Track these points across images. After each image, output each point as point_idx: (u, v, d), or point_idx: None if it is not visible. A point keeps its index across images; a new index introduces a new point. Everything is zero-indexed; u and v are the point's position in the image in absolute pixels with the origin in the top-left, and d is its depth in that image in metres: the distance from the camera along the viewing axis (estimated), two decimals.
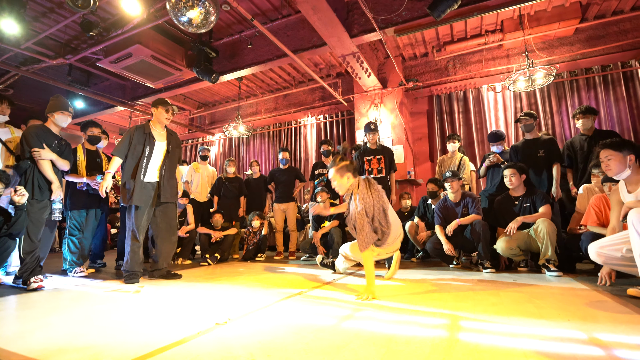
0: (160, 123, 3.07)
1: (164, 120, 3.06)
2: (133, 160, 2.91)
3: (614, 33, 4.94)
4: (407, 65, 6.28)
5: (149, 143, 2.95)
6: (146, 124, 3.05)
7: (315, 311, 1.75)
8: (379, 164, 4.09)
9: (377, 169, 4.08)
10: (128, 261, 2.89)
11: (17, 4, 3.84)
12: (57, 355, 1.20)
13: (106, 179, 2.85)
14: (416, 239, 3.87)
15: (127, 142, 2.92)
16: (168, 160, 3.07)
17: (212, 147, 8.85)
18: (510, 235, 2.98)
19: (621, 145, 2.18)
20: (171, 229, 3.10)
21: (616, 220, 2.30)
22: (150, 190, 2.96)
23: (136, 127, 3.00)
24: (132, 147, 2.91)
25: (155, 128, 3.06)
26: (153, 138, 2.99)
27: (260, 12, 4.93)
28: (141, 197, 2.88)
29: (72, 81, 6.32)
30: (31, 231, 2.71)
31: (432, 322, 1.53)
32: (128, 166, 2.91)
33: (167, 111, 3.06)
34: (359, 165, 4.16)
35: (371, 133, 4.12)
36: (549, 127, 5.39)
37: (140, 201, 2.88)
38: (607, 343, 1.22)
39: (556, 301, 1.88)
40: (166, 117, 3.06)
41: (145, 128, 3.01)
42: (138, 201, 2.86)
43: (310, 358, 1.13)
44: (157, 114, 3.05)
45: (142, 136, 2.96)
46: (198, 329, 1.46)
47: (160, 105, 3.05)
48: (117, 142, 2.93)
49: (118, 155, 2.91)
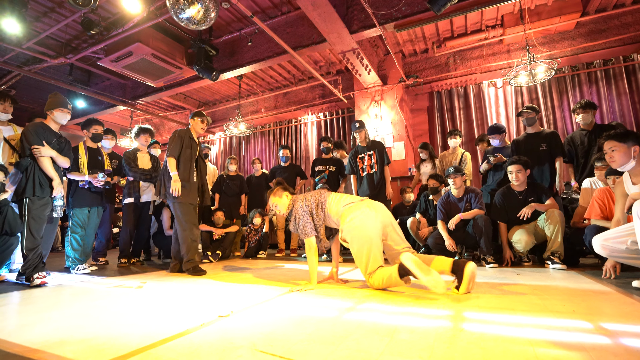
0: (196, 132, 3.37)
1: (200, 131, 3.37)
2: (186, 162, 3.16)
3: (616, 27, 4.91)
4: (407, 61, 6.26)
5: (194, 147, 3.25)
6: (187, 129, 3.31)
7: (317, 304, 1.74)
8: (371, 160, 4.10)
9: (370, 165, 4.09)
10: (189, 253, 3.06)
11: (18, 3, 3.85)
12: (58, 346, 1.20)
13: (177, 180, 3.03)
14: (418, 235, 3.86)
15: (180, 145, 3.16)
16: (202, 164, 3.37)
17: (212, 145, 8.85)
18: (524, 219, 2.99)
19: (625, 136, 2.16)
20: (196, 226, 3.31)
21: (621, 213, 2.28)
22: (196, 191, 3.25)
23: (183, 132, 3.24)
24: (183, 150, 3.16)
25: (193, 135, 3.33)
26: (197, 143, 3.31)
27: (260, 9, 4.92)
28: (194, 195, 3.18)
29: (73, 81, 6.33)
30: (33, 228, 2.71)
31: (436, 313, 1.51)
32: (182, 167, 3.13)
33: (203, 122, 3.37)
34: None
35: (356, 131, 4.13)
36: (551, 122, 5.36)
37: (193, 199, 3.17)
38: (614, 332, 1.20)
39: (561, 293, 1.86)
40: (201, 127, 3.37)
41: (189, 133, 3.27)
42: (192, 199, 3.15)
43: (312, 348, 1.12)
44: (194, 124, 3.35)
45: (189, 140, 3.22)
46: (201, 322, 1.46)
47: (197, 116, 3.36)
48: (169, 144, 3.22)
49: (174, 156, 3.11)
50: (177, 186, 3.02)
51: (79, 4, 3.58)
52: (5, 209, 2.54)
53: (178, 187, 3.02)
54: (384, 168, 4.09)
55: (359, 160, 4.18)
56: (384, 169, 4.09)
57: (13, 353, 1.15)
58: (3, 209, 2.53)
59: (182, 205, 3.10)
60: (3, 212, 2.52)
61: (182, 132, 3.22)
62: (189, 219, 3.12)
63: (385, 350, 1.08)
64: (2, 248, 2.54)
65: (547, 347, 1.07)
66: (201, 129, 3.37)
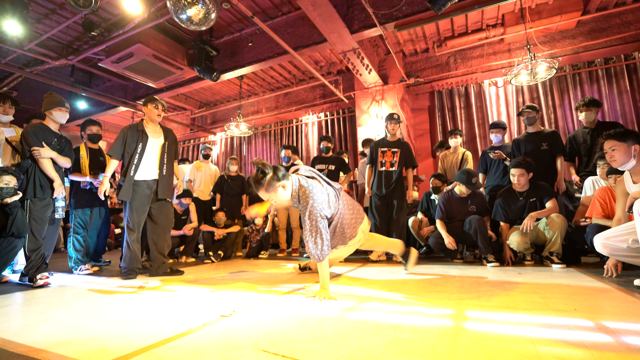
0: (153, 121, 3.07)
1: (156, 117, 3.06)
2: (127, 158, 2.93)
3: (617, 25, 4.90)
4: (407, 61, 6.26)
5: (142, 140, 2.97)
6: (139, 122, 3.06)
7: (319, 304, 1.75)
8: (393, 157, 3.90)
9: (390, 162, 3.90)
10: (126, 258, 2.91)
11: (19, 5, 3.87)
12: (61, 346, 1.20)
13: (103, 182, 2.89)
14: (419, 234, 3.86)
15: (122, 141, 2.94)
16: (166, 156, 3.09)
17: (214, 146, 8.86)
18: (527, 232, 2.95)
19: (625, 136, 2.16)
20: (167, 226, 3.12)
21: (622, 212, 2.28)
22: (144, 188, 2.97)
23: (129, 126, 3.01)
24: (127, 146, 2.94)
25: (149, 126, 3.06)
26: (146, 135, 3.01)
27: (261, 9, 4.93)
28: (133, 194, 2.90)
29: (74, 82, 6.35)
30: (35, 229, 2.72)
31: (438, 312, 1.52)
32: (124, 164, 2.94)
33: (157, 107, 3.06)
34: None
35: (393, 123, 3.90)
36: (552, 121, 5.36)
37: (133, 198, 2.90)
38: (615, 330, 1.21)
39: (562, 292, 1.87)
40: (157, 114, 3.06)
41: (138, 126, 3.02)
42: (126, 196, 2.88)
43: (315, 347, 1.12)
44: (147, 112, 3.06)
45: (135, 134, 2.97)
46: (203, 321, 1.46)
47: (150, 102, 3.06)
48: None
49: (114, 155, 2.92)
50: (102, 189, 2.88)
51: (79, 6, 3.59)
52: (15, 210, 2.55)
53: (103, 191, 2.87)
54: (403, 169, 3.91)
55: (381, 153, 3.98)
56: (408, 171, 3.92)
57: (17, 353, 1.16)
58: (13, 211, 2.54)
59: (126, 205, 2.91)
60: (13, 213, 2.53)
61: (127, 127, 2.99)
62: (130, 222, 2.90)
63: (387, 349, 1.09)
64: (7, 249, 2.54)
65: (549, 346, 1.08)
66: (157, 116, 3.05)
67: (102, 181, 2.89)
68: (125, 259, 2.91)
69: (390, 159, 3.92)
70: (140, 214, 2.95)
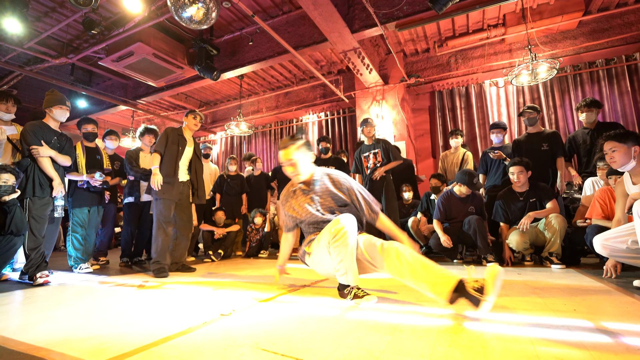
0: (191, 130, 3.34)
1: (193, 127, 3.34)
2: (170, 158, 3.12)
3: (618, 26, 4.90)
4: (408, 61, 6.26)
5: (182, 144, 3.22)
6: (179, 128, 3.32)
7: (319, 303, 1.75)
8: (376, 159, 3.97)
9: (375, 164, 3.96)
10: (160, 253, 2.98)
11: (19, 3, 3.86)
12: (62, 345, 1.20)
13: (156, 173, 3.02)
14: (419, 234, 3.86)
15: (165, 141, 3.14)
16: (197, 163, 3.37)
17: (214, 145, 8.86)
18: (523, 230, 2.96)
19: (625, 137, 2.16)
20: (190, 225, 3.31)
21: (621, 213, 2.28)
22: (181, 187, 3.19)
23: (172, 129, 3.23)
24: (168, 146, 3.14)
25: (186, 134, 3.32)
26: (185, 141, 3.27)
27: (261, 8, 4.93)
28: (176, 193, 3.11)
29: (74, 81, 6.34)
30: (34, 228, 2.72)
31: (437, 312, 1.52)
32: (165, 163, 3.10)
33: (195, 118, 3.34)
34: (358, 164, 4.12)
35: (368, 126, 3.97)
36: (552, 121, 5.36)
37: (174, 196, 3.11)
38: (615, 331, 1.21)
39: (562, 293, 1.87)
40: (194, 124, 3.33)
41: (179, 131, 3.26)
42: (170, 195, 3.08)
43: (314, 346, 1.13)
44: (187, 122, 3.32)
45: (176, 137, 3.20)
46: (203, 320, 1.46)
47: (190, 114, 3.35)
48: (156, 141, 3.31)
49: (159, 152, 3.10)
50: (156, 179, 2.98)
51: (80, 4, 3.58)
52: (13, 208, 2.55)
53: (157, 180, 2.98)
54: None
55: (364, 159, 4.07)
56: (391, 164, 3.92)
57: (18, 351, 1.16)
58: (11, 209, 2.54)
59: (161, 202, 3.05)
60: (11, 211, 2.54)
61: (170, 129, 3.21)
62: (163, 218, 3.05)
63: (386, 348, 1.09)
64: (6, 247, 2.55)
65: (548, 346, 1.08)
66: (194, 126, 3.34)
67: (155, 172, 3.02)
68: (159, 254, 2.99)
69: (374, 160, 3.99)
70: (172, 211, 3.14)
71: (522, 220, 2.96)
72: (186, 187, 3.25)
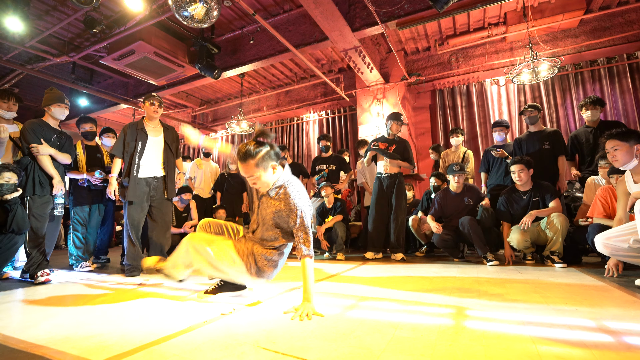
0: (151, 118, 3.06)
1: (153, 114, 3.05)
2: (127, 157, 2.95)
3: (619, 24, 4.88)
4: (409, 59, 6.24)
5: (141, 139, 2.98)
6: (139, 120, 3.08)
7: (320, 301, 1.75)
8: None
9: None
10: (129, 255, 2.94)
11: (21, 2, 3.85)
12: (62, 343, 1.21)
13: (111, 182, 2.91)
14: (419, 233, 3.86)
15: (122, 140, 2.96)
16: (169, 154, 3.11)
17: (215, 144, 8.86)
18: (525, 229, 2.96)
19: (628, 135, 2.15)
20: (166, 224, 3.14)
21: (623, 211, 2.28)
22: (143, 185, 2.98)
23: (129, 125, 3.02)
24: (127, 145, 2.95)
25: (149, 124, 3.06)
26: (146, 134, 3.01)
27: (262, 7, 4.91)
28: (135, 192, 2.92)
29: (75, 79, 6.34)
30: (35, 226, 2.73)
31: (438, 311, 1.52)
32: (125, 163, 2.95)
33: (153, 104, 3.03)
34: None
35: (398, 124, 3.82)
36: (554, 120, 5.34)
37: (135, 197, 2.91)
38: (616, 330, 1.20)
39: (563, 291, 1.86)
40: (153, 110, 3.04)
41: (138, 124, 3.03)
42: (132, 197, 2.90)
43: (315, 345, 1.12)
44: (145, 109, 3.07)
45: (134, 132, 2.98)
46: (203, 319, 1.46)
47: (146, 100, 3.05)
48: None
49: (117, 154, 2.95)
50: (111, 189, 2.91)
51: (81, 2, 3.58)
52: (15, 207, 2.56)
53: (112, 190, 2.91)
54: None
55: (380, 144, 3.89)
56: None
57: (19, 349, 1.16)
58: (13, 207, 2.55)
59: (127, 205, 2.93)
60: (13, 210, 2.54)
61: (127, 126, 2.99)
62: (131, 222, 2.93)
63: (387, 347, 1.09)
64: (8, 246, 2.55)
65: (550, 345, 1.08)
66: (154, 113, 3.02)
67: (110, 181, 2.92)
68: (129, 256, 2.93)
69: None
70: (139, 212, 2.97)
71: (524, 219, 2.96)
72: (159, 183, 3.04)
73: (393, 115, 3.89)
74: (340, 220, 3.96)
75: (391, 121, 3.86)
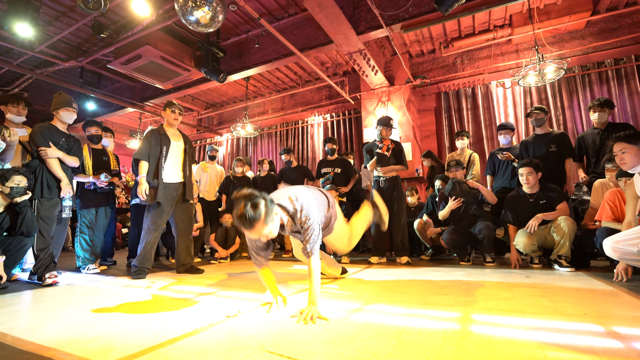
0: (171, 125, 3.22)
1: (173, 121, 3.21)
2: (153, 161, 3.05)
3: (627, 25, 4.83)
4: (414, 62, 6.23)
5: (165, 143, 3.11)
6: (160, 126, 3.21)
7: (325, 305, 1.74)
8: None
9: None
10: (139, 257, 2.96)
11: (31, 8, 3.93)
12: (69, 345, 1.22)
13: (142, 182, 2.95)
14: (425, 236, 3.83)
15: (147, 145, 3.07)
16: (188, 160, 3.25)
17: (220, 147, 8.91)
18: (531, 232, 2.93)
19: (636, 138, 2.13)
20: (190, 226, 3.29)
21: (632, 215, 2.24)
22: (172, 190, 3.10)
23: (152, 130, 3.15)
24: (152, 149, 3.06)
25: (169, 130, 3.21)
26: (168, 139, 3.13)
27: (267, 11, 4.95)
28: (165, 195, 3.03)
29: (83, 83, 6.43)
30: (43, 228, 2.76)
31: (444, 315, 1.51)
32: (150, 167, 3.04)
33: (174, 112, 3.19)
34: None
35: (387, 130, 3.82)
36: (560, 122, 5.29)
37: (164, 199, 3.02)
38: (626, 336, 1.19)
39: (571, 296, 1.84)
40: (174, 118, 3.20)
41: (160, 130, 3.17)
42: (162, 199, 3.01)
43: (320, 348, 1.12)
44: (166, 116, 3.22)
45: (158, 137, 3.11)
46: (209, 322, 1.47)
47: (167, 107, 3.21)
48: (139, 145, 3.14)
49: (143, 158, 3.03)
50: (142, 188, 2.92)
51: (89, 8, 3.63)
52: (24, 210, 2.59)
53: (143, 190, 2.92)
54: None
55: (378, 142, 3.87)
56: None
57: (27, 351, 1.18)
58: (23, 210, 2.59)
59: (152, 208, 3.01)
60: (23, 212, 2.58)
61: (150, 131, 3.11)
62: (153, 224, 2.99)
63: (392, 351, 1.08)
64: (17, 248, 2.58)
65: (557, 351, 1.06)
66: (174, 120, 3.19)
67: (141, 181, 2.96)
68: (138, 258, 2.97)
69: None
70: (163, 216, 3.06)
71: (530, 222, 2.93)
72: (180, 187, 3.15)
73: (382, 120, 3.88)
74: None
75: (380, 126, 3.86)
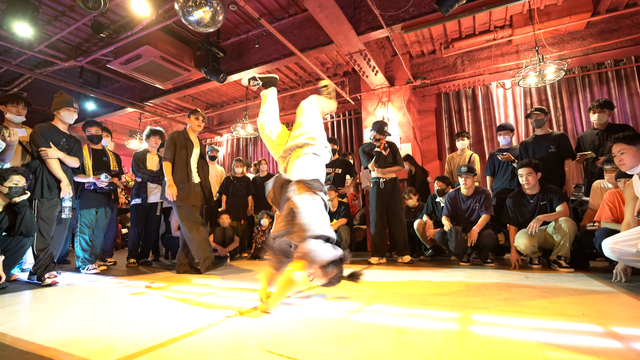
0: (194, 131, 3.37)
1: (197, 128, 3.37)
2: (181, 163, 3.15)
3: (627, 26, 4.84)
4: (414, 62, 6.24)
5: (189, 147, 3.23)
6: (184, 130, 3.32)
7: (324, 305, 1.75)
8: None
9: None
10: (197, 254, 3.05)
11: (30, 7, 3.92)
12: (70, 345, 1.22)
13: (172, 184, 3.06)
14: (425, 237, 3.83)
15: (173, 147, 3.16)
16: (204, 164, 3.38)
17: (220, 147, 8.91)
18: (532, 234, 2.93)
19: (635, 139, 2.13)
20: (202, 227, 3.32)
21: (631, 216, 2.25)
22: (199, 191, 3.25)
23: (177, 133, 3.24)
24: (178, 151, 3.16)
25: (191, 135, 3.33)
26: (192, 143, 3.27)
27: (267, 11, 4.95)
28: (195, 196, 3.17)
29: (83, 83, 6.43)
30: (43, 229, 2.76)
31: (443, 315, 1.51)
32: (177, 169, 3.12)
33: (198, 118, 3.36)
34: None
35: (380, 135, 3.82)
36: (560, 123, 5.30)
37: (196, 200, 3.18)
38: (625, 336, 1.19)
39: (570, 297, 1.84)
40: (197, 124, 3.36)
41: (184, 134, 3.27)
42: (194, 200, 3.15)
43: (320, 348, 1.12)
44: (190, 123, 3.35)
45: (184, 141, 3.22)
46: (209, 322, 1.47)
47: (192, 114, 3.36)
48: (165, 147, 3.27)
49: (169, 160, 3.12)
50: (171, 191, 3.03)
51: (89, 8, 3.63)
52: (23, 210, 2.59)
53: (173, 192, 3.03)
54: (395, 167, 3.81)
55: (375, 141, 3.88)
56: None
57: (27, 351, 1.18)
58: (21, 210, 2.58)
59: (181, 209, 3.12)
60: (21, 212, 2.58)
61: (176, 134, 3.23)
62: (191, 220, 3.11)
63: (392, 352, 1.08)
64: (16, 248, 2.58)
65: (557, 351, 1.07)
66: (198, 127, 3.36)
67: (170, 183, 3.05)
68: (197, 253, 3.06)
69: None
70: (196, 213, 3.18)
71: (531, 224, 2.92)
72: (199, 188, 3.28)
73: (376, 126, 3.90)
74: (345, 224, 3.95)
75: (374, 132, 3.89)
